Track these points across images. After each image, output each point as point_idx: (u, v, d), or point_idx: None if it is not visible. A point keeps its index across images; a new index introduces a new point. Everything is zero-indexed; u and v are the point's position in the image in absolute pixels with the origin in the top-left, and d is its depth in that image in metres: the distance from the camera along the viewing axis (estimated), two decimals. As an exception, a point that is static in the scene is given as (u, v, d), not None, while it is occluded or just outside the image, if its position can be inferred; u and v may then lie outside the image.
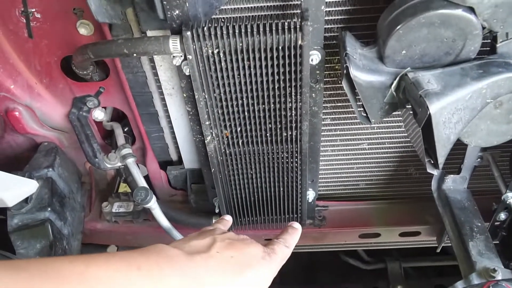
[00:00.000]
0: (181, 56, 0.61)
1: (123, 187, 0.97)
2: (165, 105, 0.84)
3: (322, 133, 0.85)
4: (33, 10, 0.72)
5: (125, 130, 0.93)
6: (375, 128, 0.85)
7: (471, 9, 0.52)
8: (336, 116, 0.83)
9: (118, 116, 0.97)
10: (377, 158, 0.91)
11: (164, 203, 0.92)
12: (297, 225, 0.68)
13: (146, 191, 0.75)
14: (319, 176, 0.94)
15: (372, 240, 1.00)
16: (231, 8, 0.67)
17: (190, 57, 0.60)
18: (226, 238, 0.56)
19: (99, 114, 0.90)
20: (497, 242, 0.85)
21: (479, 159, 0.79)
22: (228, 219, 0.70)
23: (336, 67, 0.74)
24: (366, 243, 1.05)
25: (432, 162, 0.60)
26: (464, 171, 0.78)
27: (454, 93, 0.52)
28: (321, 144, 0.87)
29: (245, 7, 0.67)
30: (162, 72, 0.76)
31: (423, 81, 0.54)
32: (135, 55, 0.61)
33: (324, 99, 0.79)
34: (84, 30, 0.73)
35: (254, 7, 0.66)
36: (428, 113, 0.52)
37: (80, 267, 0.40)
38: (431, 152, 0.59)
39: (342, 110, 0.82)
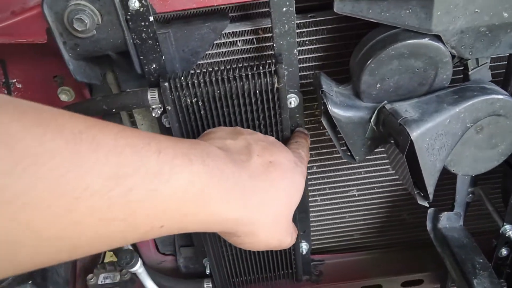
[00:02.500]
0: (160, 107, 0.61)
1: (109, 257, 0.92)
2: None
3: (310, 182, 0.84)
4: (14, 80, 0.73)
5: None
6: (363, 173, 0.84)
7: (438, 37, 0.54)
8: (322, 163, 0.82)
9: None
10: (368, 205, 0.89)
11: (153, 270, 0.87)
12: (302, 129, 0.66)
13: (131, 254, 0.72)
14: (313, 228, 0.92)
15: (374, 293, 0.95)
16: (208, 62, 0.68)
17: (169, 108, 0.60)
18: (259, 140, 0.52)
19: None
20: (503, 281, 0.81)
21: (470, 195, 0.78)
22: None
23: (316, 112, 0.75)
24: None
25: (422, 194, 0.59)
26: (457, 207, 0.76)
27: (432, 118, 0.53)
28: (310, 193, 0.86)
29: (221, 60, 0.68)
30: (143, 130, 0.76)
31: (400, 110, 0.55)
32: (114, 110, 0.61)
33: (308, 146, 0.79)
34: (65, 96, 0.73)
35: (231, 59, 0.68)
36: (410, 139, 0.51)
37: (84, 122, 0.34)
38: (419, 184, 0.58)
39: (327, 156, 0.81)
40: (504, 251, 0.77)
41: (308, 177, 0.83)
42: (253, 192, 0.46)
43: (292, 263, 0.83)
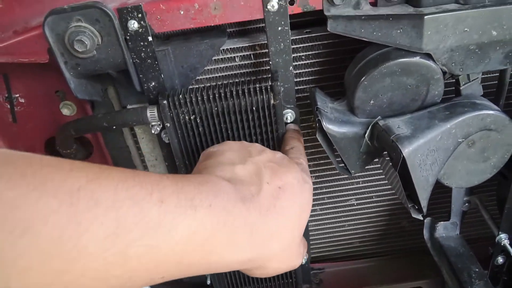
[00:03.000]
0: (159, 124, 0.63)
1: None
2: (151, 179, 0.84)
3: (309, 192, 0.86)
4: (17, 95, 0.74)
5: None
6: (361, 182, 0.86)
7: (429, 56, 0.55)
8: (320, 174, 0.83)
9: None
10: (367, 213, 0.91)
11: (155, 279, 0.89)
12: (294, 125, 0.66)
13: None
14: (312, 237, 0.93)
15: (374, 300, 0.96)
16: (206, 78, 0.70)
17: (168, 124, 0.61)
18: (267, 161, 0.51)
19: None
20: (501, 289, 0.82)
21: (466, 204, 0.79)
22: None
23: (313, 125, 0.76)
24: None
25: (416, 207, 0.60)
26: (453, 216, 0.77)
27: (424, 135, 0.54)
28: (309, 203, 0.87)
29: (219, 76, 0.70)
30: (144, 144, 0.77)
31: (393, 126, 0.56)
32: (114, 127, 0.63)
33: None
34: (67, 110, 0.75)
35: (229, 74, 0.70)
36: (402, 156, 0.53)
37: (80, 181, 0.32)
38: (413, 197, 0.59)
39: (325, 167, 0.83)
40: (500, 259, 0.78)
41: (307, 187, 0.85)
42: (262, 228, 0.45)
43: (292, 272, 0.84)
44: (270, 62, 0.61)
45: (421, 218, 0.60)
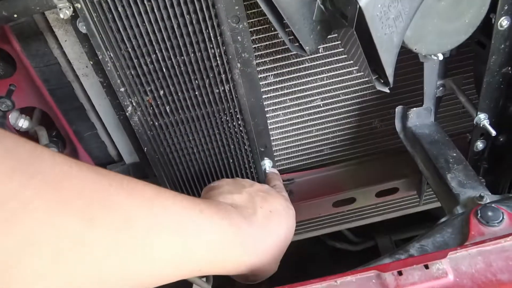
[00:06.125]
0: (70, 7, 0.52)
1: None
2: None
3: (268, 95, 0.77)
4: None
5: (53, 134, 0.83)
6: (325, 79, 0.77)
7: None
8: (279, 71, 0.74)
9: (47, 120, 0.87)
10: (335, 115, 0.83)
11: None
12: (273, 170, 0.78)
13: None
14: (277, 147, 0.85)
15: (349, 207, 0.90)
16: None
17: (78, 6, 0.50)
18: (258, 191, 0.60)
19: (23, 123, 0.80)
20: (481, 178, 0.77)
21: (441, 88, 0.71)
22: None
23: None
24: (342, 213, 0.96)
25: (382, 80, 0.52)
26: (427, 101, 0.69)
27: (384, -20, 0.44)
28: (270, 108, 0.79)
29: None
30: (69, 49, 0.67)
31: (347, -23, 0.46)
32: (16, 16, 0.52)
33: (260, 53, 0.70)
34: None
35: None
36: (358, 6, 0.43)
37: (151, 192, 0.42)
38: (377, 68, 0.51)
39: (283, 63, 0.73)
40: (479, 144, 0.71)
41: (265, 89, 0.76)
42: (260, 241, 0.54)
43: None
44: None
45: (387, 91, 0.52)
